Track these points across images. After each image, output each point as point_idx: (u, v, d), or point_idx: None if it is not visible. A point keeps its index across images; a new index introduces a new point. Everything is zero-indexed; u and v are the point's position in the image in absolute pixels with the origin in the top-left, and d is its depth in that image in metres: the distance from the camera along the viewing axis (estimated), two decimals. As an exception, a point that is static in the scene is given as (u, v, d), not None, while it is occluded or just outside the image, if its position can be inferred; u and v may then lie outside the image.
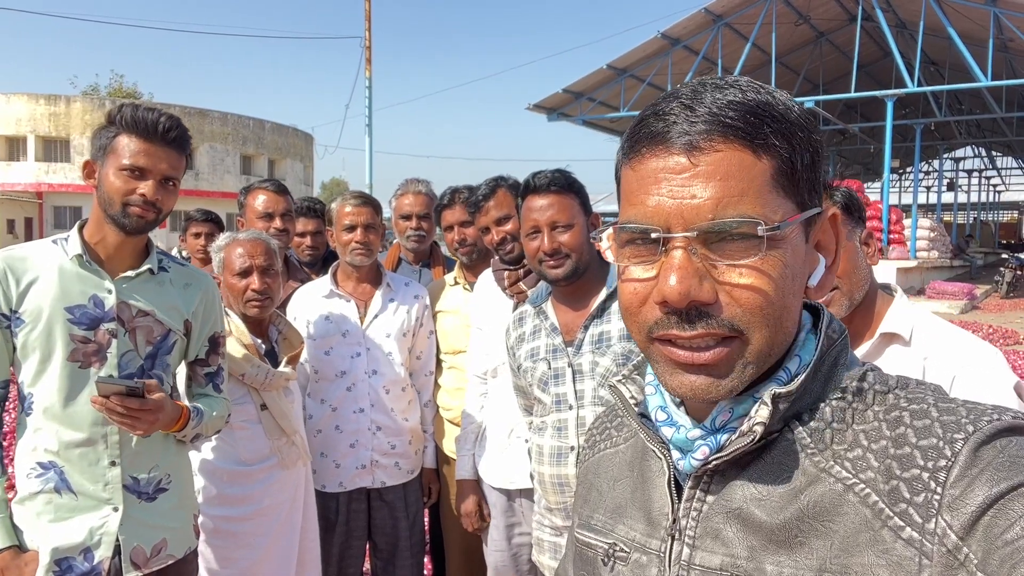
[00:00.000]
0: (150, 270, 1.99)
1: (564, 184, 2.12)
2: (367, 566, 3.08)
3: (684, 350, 0.70)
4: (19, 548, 1.85)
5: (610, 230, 0.75)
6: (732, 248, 0.68)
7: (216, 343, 2.16)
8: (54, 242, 1.95)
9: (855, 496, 0.66)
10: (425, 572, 3.41)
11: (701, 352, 0.70)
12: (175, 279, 2.06)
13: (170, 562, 1.99)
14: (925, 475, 0.63)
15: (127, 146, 1.87)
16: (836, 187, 1.65)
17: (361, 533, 2.91)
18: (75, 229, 1.96)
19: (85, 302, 1.89)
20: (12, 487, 1.94)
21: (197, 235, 4.11)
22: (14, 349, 1.88)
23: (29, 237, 31.24)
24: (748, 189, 0.68)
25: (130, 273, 1.95)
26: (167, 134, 1.89)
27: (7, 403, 1.95)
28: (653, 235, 0.69)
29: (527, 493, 2.52)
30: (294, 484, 2.55)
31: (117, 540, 1.90)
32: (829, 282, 0.78)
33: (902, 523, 0.63)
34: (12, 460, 1.94)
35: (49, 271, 1.88)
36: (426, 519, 3.22)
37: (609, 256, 0.76)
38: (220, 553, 2.34)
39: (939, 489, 0.62)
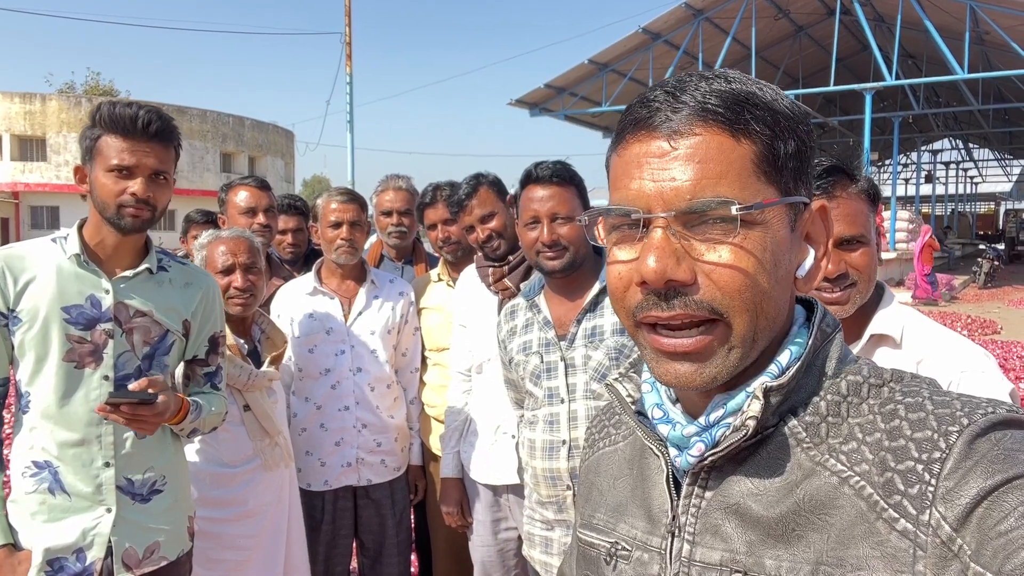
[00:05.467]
0: (148, 270, 1.98)
1: (566, 176, 2.12)
2: (354, 564, 3.07)
3: (668, 338, 0.71)
4: (14, 547, 1.84)
5: (590, 214, 0.77)
6: (711, 229, 0.69)
7: (216, 343, 2.15)
8: (53, 240, 1.94)
9: (850, 489, 0.67)
10: (412, 569, 3.40)
11: (683, 339, 0.70)
12: (175, 278, 2.04)
13: (163, 564, 1.97)
14: (919, 467, 0.64)
15: (111, 146, 1.85)
16: (859, 173, 1.56)
17: (348, 531, 2.89)
18: (75, 228, 1.94)
19: (82, 302, 1.87)
20: (6, 484, 1.93)
21: (197, 237, 4.06)
22: (12, 347, 1.87)
23: (5, 238, 30.81)
24: (727, 172, 0.69)
25: (128, 273, 1.94)
26: (148, 128, 1.86)
27: (6, 401, 1.94)
28: (634, 216, 0.71)
29: (513, 489, 2.52)
30: (278, 485, 2.52)
31: (109, 541, 1.88)
32: (817, 274, 0.78)
33: (896, 515, 0.63)
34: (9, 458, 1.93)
35: (47, 270, 1.87)
36: (412, 516, 3.21)
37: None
38: (205, 555, 2.31)
39: (933, 481, 0.62)
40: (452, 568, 2.98)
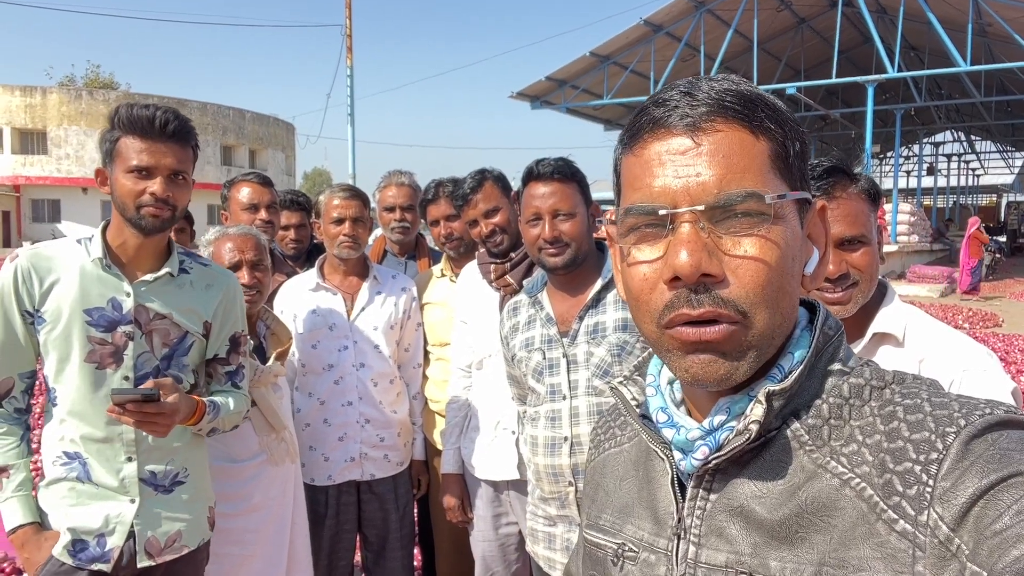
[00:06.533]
0: (169, 273, 2.01)
1: (567, 173, 2.13)
2: (357, 558, 3.08)
3: (693, 328, 0.71)
4: (40, 525, 1.92)
5: (612, 215, 0.77)
6: (737, 224, 0.70)
7: (237, 343, 2.18)
8: (78, 242, 1.98)
9: (851, 490, 0.67)
10: (415, 563, 3.42)
11: (708, 327, 0.70)
12: (196, 280, 2.08)
13: (183, 552, 2.04)
14: (917, 468, 0.64)
15: (130, 147, 1.89)
16: (859, 173, 1.57)
17: (351, 526, 2.91)
18: (99, 230, 1.98)
19: (103, 304, 1.92)
20: (37, 468, 1.99)
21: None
22: (39, 344, 1.93)
23: (6, 231, 30.84)
24: (750, 166, 0.71)
25: (148, 277, 1.98)
26: (166, 128, 1.89)
27: (35, 390, 2.01)
28: (661, 212, 0.71)
29: (514, 484, 2.53)
30: (283, 480, 2.54)
31: (132, 529, 1.95)
32: (821, 273, 0.80)
33: (896, 516, 0.64)
34: (39, 443, 2.00)
35: (71, 272, 1.91)
36: (415, 510, 3.23)
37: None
38: (210, 549, 2.33)
39: (931, 482, 0.63)
40: (455, 562, 3.00)
